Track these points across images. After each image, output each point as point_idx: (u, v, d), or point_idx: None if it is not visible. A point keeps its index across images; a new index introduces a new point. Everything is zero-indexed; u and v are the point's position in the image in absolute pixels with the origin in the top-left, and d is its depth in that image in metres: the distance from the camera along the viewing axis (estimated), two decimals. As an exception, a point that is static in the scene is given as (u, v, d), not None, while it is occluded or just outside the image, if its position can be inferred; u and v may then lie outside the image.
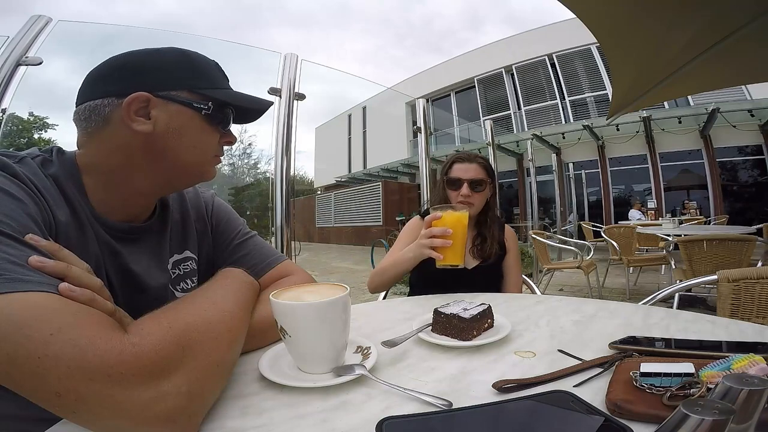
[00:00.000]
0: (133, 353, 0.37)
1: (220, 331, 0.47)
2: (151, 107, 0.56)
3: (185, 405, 0.39)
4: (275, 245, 2.15)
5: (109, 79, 0.57)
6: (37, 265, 0.40)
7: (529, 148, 7.17)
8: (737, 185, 9.96)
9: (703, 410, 0.23)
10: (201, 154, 0.62)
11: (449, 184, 1.34)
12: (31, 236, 0.43)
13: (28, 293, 0.37)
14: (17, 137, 7.60)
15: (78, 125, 0.59)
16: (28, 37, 1.95)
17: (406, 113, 13.77)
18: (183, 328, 0.43)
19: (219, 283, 0.57)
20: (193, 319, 0.45)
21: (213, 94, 0.61)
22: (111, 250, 0.60)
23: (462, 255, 0.99)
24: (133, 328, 0.41)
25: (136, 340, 0.39)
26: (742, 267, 1.18)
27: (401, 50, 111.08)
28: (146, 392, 0.37)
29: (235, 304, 0.53)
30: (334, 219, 16.86)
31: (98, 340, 0.36)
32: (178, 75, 0.59)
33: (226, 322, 0.49)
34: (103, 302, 0.43)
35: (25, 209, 0.46)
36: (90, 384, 0.35)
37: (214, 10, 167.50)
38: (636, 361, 0.50)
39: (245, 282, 0.61)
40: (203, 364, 0.42)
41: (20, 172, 0.50)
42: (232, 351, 0.49)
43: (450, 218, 0.99)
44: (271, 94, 2.21)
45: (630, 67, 2.02)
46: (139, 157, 0.58)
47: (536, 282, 3.39)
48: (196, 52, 0.63)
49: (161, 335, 0.41)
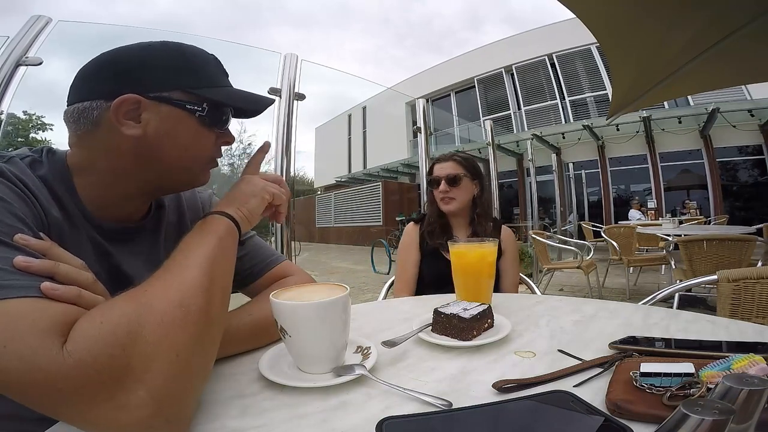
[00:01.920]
0: (72, 365, 0.34)
1: (171, 315, 0.39)
2: (142, 109, 0.53)
3: (156, 410, 0.35)
4: (275, 245, 2.15)
5: (98, 78, 0.54)
6: (23, 266, 0.39)
7: (529, 148, 7.17)
8: (737, 185, 9.96)
9: (703, 410, 0.23)
10: (193, 159, 0.59)
11: (431, 185, 1.40)
12: (21, 236, 0.42)
13: (5, 301, 0.36)
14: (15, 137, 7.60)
15: (68, 126, 0.57)
16: (27, 38, 1.95)
17: (406, 113, 13.77)
18: (118, 321, 0.37)
19: (180, 249, 0.47)
20: (131, 309, 0.38)
21: (208, 94, 0.57)
22: (102, 251, 0.58)
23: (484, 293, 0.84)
24: (72, 331, 0.36)
25: (71, 347, 0.35)
26: (742, 267, 1.18)
27: (401, 50, 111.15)
28: (107, 404, 0.34)
29: (195, 273, 0.44)
30: (334, 219, 16.87)
31: (41, 351, 0.34)
32: (170, 74, 0.55)
33: (178, 301, 0.40)
34: (91, 297, 0.42)
35: (11, 209, 0.44)
36: (45, 398, 0.34)
37: (213, 10, 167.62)
38: (636, 361, 0.50)
39: (221, 231, 0.50)
40: (158, 360, 0.37)
41: (6, 170, 0.48)
42: (196, 333, 0.40)
43: (473, 254, 0.84)
44: (271, 94, 2.21)
45: (630, 67, 2.02)
46: (130, 161, 0.55)
47: (536, 282, 3.39)
48: (192, 45, 0.59)
49: (96, 337, 0.36)
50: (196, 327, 0.41)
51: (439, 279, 1.31)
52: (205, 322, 0.42)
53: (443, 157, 1.42)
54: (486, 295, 0.84)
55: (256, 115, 0.66)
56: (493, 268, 0.85)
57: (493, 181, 4.21)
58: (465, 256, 0.85)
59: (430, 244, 1.37)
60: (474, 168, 1.40)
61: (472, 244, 0.85)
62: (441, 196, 1.36)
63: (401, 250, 1.42)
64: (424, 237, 1.39)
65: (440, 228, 1.38)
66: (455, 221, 1.42)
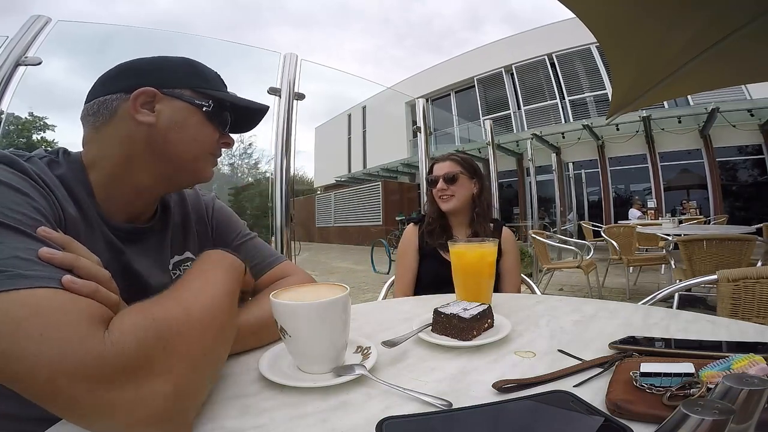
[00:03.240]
0: (113, 353, 0.36)
1: (204, 322, 0.45)
2: (157, 102, 0.60)
3: (173, 403, 0.38)
4: (275, 245, 2.15)
5: (119, 78, 0.61)
6: (47, 257, 0.41)
7: (528, 147, 7.17)
8: (737, 185, 9.97)
9: (703, 410, 0.23)
10: (199, 149, 0.65)
11: (430, 185, 1.41)
12: (44, 229, 0.44)
13: (28, 290, 0.37)
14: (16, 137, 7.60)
15: (85, 122, 0.62)
16: (27, 37, 1.95)
17: (406, 113, 13.77)
18: (162, 320, 0.41)
19: (198, 269, 0.55)
20: (172, 311, 0.44)
21: (214, 94, 0.64)
22: (116, 249, 0.61)
23: (484, 293, 0.84)
24: (113, 324, 0.40)
25: (116, 337, 0.38)
26: (742, 267, 1.18)
27: (401, 50, 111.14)
28: (132, 393, 0.36)
29: (216, 288, 0.51)
30: (334, 219, 16.87)
31: (80, 339, 0.36)
32: (182, 75, 0.63)
33: (207, 309, 0.47)
34: (106, 294, 0.43)
35: (33, 204, 0.47)
36: (75, 386, 0.34)
37: (213, 10, 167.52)
38: (636, 361, 0.50)
39: (227, 264, 0.58)
40: (188, 357, 0.41)
41: (29, 169, 0.51)
42: (217, 341, 0.47)
43: (473, 253, 0.84)
44: (270, 94, 2.21)
45: (630, 67, 2.01)
46: (141, 149, 0.60)
47: (536, 282, 3.39)
48: (199, 62, 0.68)
49: (141, 331, 0.39)
50: (222, 334, 0.48)
51: (436, 280, 1.31)
52: (228, 330, 0.50)
53: (442, 157, 1.44)
54: (486, 295, 0.84)
55: (251, 127, 0.74)
56: (493, 268, 0.85)
57: (493, 181, 4.22)
58: (465, 256, 0.84)
59: (429, 244, 1.37)
60: (472, 167, 1.41)
61: (472, 244, 0.85)
62: (439, 194, 1.37)
63: (400, 253, 1.43)
64: (423, 238, 1.39)
65: (440, 228, 1.38)
66: (455, 220, 1.42)
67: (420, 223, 1.44)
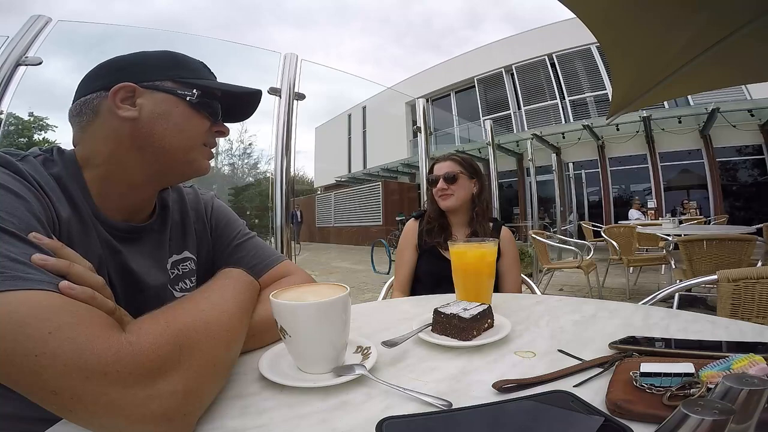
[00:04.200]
0: (130, 352, 0.37)
1: (218, 331, 0.47)
2: (137, 96, 0.59)
3: (181, 404, 0.39)
4: (275, 245, 2.15)
5: (98, 76, 0.61)
6: (40, 263, 0.41)
7: (529, 147, 7.17)
8: (737, 185, 9.97)
9: (703, 410, 0.23)
10: (188, 139, 0.63)
11: (430, 184, 1.42)
12: (35, 234, 0.44)
13: (29, 291, 0.37)
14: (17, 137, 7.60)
15: (72, 123, 0.62)
16: (27, 37, 1.95)
17: (406, 113, 13.76)
18: (181, 327, 0.43)
19: (218, 284, 0.57)
20: (191, 319, 0.45)
21: (198, 83, 0.63)
22: (112, 248, 0.61)
23: (484, 293, 0.84)
24: (132, 326, 0.41)
25: (134, 338, 0.39)
26: (742, 267, 1.18)
27: (401, 49, 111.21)
28: (142, 391, 0.37)
29: (234, 304, 0.53)
30: (334, 219, 16.86)
31: (96, 338, 0.37)
32: (162, 67, 0.62)
33: (224, 322, 0.49)
34: (103, 300, 0.43)
35: (29, 207, 0.47)
36: (86, 382, 0.35)
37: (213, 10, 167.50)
38: (636, 361, 0.50)
39: (245, 282, 0.61)
40: (200, 364, 0.42)
41: (23, 170, 0.51)
42: (230, 351, 0.49)
43: (473, 253, 0.83)
44: (271, 94, 2.21)
45: (630, 67, 2.01)
46: (128, 144, 0.60)
47: (536, 282, 3.39)
48: (181, 53, 0.66)
49: (159, 334, 0.41)
50: (235, 346, 0.50)
51: (433, 278, 1.31)
52: (240, 343, 0.52)
53: (442, 157, 1.45)
54: (486, 295, 0.84)
55: (249, 114, 0.72)
56: (493, 267, 0.85)
57: (493, 181, 4.21)
58: (465, 256, 0.84)
59: (428, 242, 1.37)
60: (472, 166, 1.42)
61: (472, 244, 0.85)
62: (439, 193, 1.38)
63: (400, 247, 1.44)
64: (422, 235, 1.40)
65: (439, 227, 1.39)
66: (454, 220, 1.42)
67: (421, 218, 1.45)
